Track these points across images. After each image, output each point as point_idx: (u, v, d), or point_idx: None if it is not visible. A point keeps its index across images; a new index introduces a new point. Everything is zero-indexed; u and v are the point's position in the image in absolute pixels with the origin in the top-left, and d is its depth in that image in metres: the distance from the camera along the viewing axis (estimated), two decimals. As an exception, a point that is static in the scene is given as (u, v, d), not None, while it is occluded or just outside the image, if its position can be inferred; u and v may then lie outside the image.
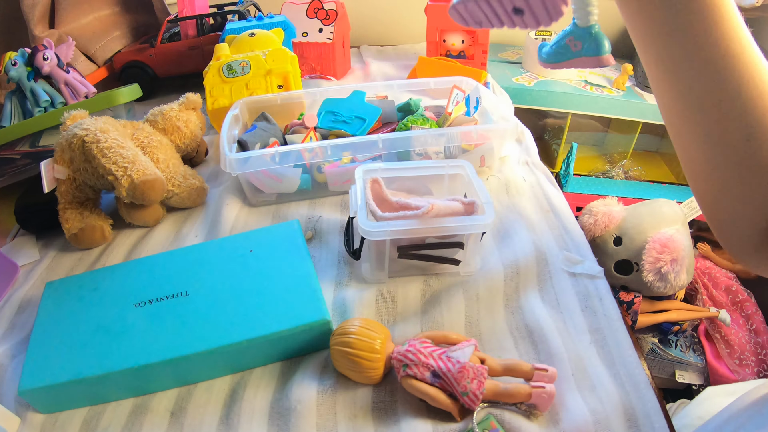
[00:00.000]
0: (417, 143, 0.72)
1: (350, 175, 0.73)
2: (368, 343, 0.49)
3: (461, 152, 0.76)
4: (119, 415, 0.51)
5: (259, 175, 0.72)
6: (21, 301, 0.66)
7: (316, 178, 0.75)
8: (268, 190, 0.74)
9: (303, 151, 0.69)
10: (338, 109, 0.81)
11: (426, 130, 0.72)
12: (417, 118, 0.76)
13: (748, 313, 1.15)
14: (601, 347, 0.54)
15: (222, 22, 1.14)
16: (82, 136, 0.67)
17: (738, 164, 0.45)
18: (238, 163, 0.68)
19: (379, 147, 0.70)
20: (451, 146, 0.75)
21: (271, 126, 0.78)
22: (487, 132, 0.72)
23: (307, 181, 0.75)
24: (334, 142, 0.70)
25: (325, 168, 0.73)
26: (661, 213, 1.03)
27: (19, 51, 0.88)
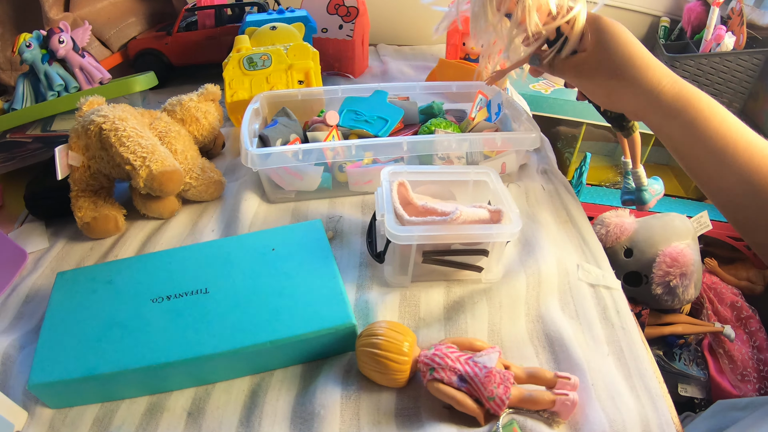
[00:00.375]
0: (440, 147, 0.71)
1: (372, 175, 0.73)
2: (396, 344, 0.48)
3: (483, 158, 0.75)
4: (133, 413, 0.50)
5: (280, 171, 0.71)
6: (29, 289, 0.64)
7: (337, 177, 0.74)
8: (288, 187, 0.73)
9: (325, 150, 0.68)
10: (360, 108, 0.80)
11: (451, 135, 0.71)
12: (440, 121, 0.76)
13: (751, 329, 1.16)
14: (618, 359, 0.54)
15: (240, 14, 1.12)
16: (99, 123, 0.66)
17: None
18: (259, 159, 0.67)
19: (404, 149, 0.69)
20: (473, 152, 0.74)
21: (291, 122, 0.77)
22: (510, 140, 0.71)
23: (327, 180, 0.74)
24: (358, 142, 0.69)
25: (347, 167, 0.72)
26: (672, 227, 1.03)
27: (34, 33, 0.86)
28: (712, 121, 0.59)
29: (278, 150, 0.68)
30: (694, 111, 0.59)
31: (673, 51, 1.26)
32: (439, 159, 0.74)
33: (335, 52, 1.10)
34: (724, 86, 1.22)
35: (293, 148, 0.67)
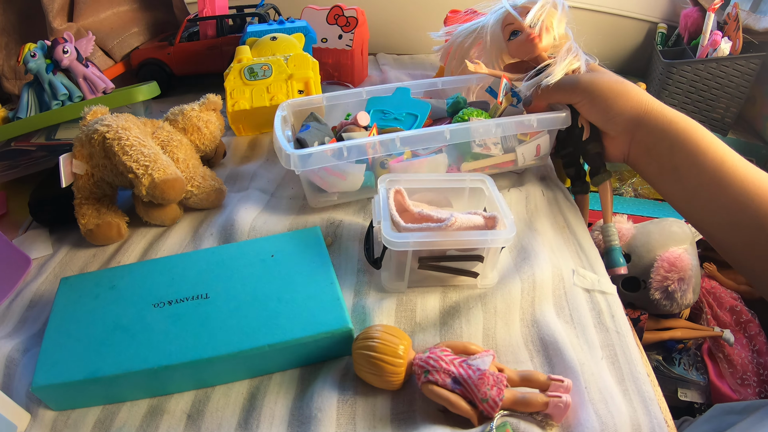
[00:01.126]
0: (480, 133, 0.71)
1: (415, 168, 0.73)
2: (391, 347, 0.49)
3: (517, 143, 0.76)
4: (134, 415, 0.51)
5: (321, 173, 0.70)
6: (33, 295, 0.66)
7: (379, 174, 0.73)
8: (331, 189, 0.73)
9: (368, 146, 0.67)
10: (386, 107, 0.79)
11: (489, 121, 0.72)
12: (471, 111, 0.76)
13: (751, 333, 1.16)
14: (612, 363, 0.55)
15: (241, 24, 1.14)
16: (103, 132, 0.67)
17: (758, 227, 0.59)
18: (301, 160, 0.66)
19: (447, 138, 0.69)
20: (508, 136, 0.75)
21: (322, 126, 0.77)
22: (544, 120, 0.72)
23: (370, 178, 0.73)
24: (402, 134, 0.68)
25: (389, 163, 0.72)
26: (670, 232, 1.03)
27: (39, 43, 0.88)
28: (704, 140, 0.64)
29: (319, 149, 0.66)
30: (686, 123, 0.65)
31: (670, 57, 1.27)
32: (477, 146, 0.74)
33: (335, 62, 1.11)
34: (721, 91, 1.22)
35: (335, 146, 0.66)
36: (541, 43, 0.74)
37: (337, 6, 1.09)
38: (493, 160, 0.77)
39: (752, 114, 1.33)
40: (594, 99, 0.69)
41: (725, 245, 0.65)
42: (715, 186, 0.62)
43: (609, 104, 0.68)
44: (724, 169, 0.61)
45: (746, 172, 0.61)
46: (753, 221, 0.59)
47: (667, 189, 0.69)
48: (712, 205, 0.63)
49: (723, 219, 0.63)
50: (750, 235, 0.60)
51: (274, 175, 0.83)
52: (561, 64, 0.71)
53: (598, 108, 0.69)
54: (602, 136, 0.73)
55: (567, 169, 0.79)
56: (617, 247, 0.74)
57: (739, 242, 0.63)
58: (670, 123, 0.65)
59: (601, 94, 0.68)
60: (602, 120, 0.70)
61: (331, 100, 0.82)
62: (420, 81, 0.85)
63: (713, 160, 0.62)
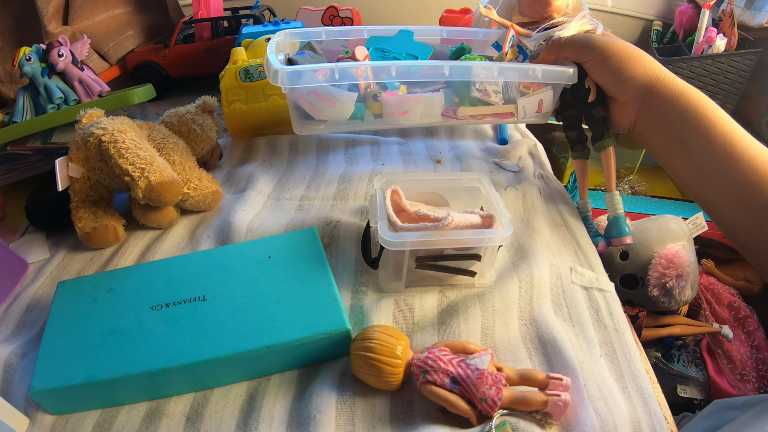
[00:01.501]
0: (481, 74, 0.68)
1: (409, 105, 0.70)
2: (390, 348, 0.49)
3: (519, 95, 0.73)
4: (133, 418, 0.51)
5: (311, 97, 0.67)
6: (30, 299, 0.65)
7: (371, 108, 0.71)
8: (319, 115, 0.70)
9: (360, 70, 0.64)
10: (387, 46, 0.76)
11: (491, 63, 0.69)
12: (474, 57, 0.74)
13: (749, 329, 1.16)
14: (610, 360, 0.55)
15: (236, 26, 1.14)
16: (99, 135, 0.67)
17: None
18: (290, 77, 0.63)
19: (446, 74, 0.66)
20: (509, 86, 0.72)
21: (318, 56, 0.73)
22: (550, 72, 0.70)
23: (360, 110, 0.70)
24: (399, 63, 0.65)
25: (382, 95, 0.69)
26: (667, 229, 1.03)
27: (34, 46, 0.88)
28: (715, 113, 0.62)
29: (310, 68, 0.63)
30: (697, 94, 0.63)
31: (665, 54, 1.28)
32: (477, 91, 0.71)
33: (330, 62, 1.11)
34: (717, 88, 1.23)
35: (327, 65, 0.63)
36: (556, 2, 0.71)
37: (332, 6, 1.09)
38: (492, 108, 0.74)
39: (748, 110, 1.33)
40: (606, 59, 0.66)
41: (730, 224, 0.64)
42: (724, 160, 0.60)
43: (622, 66, 0.65)
44: (734, 143, 0.60)
45: (755, 146, 0.60)
46: (761, 200, 0.58)
47: (675, 163, 0.67)
48: (721, 180, 0.61)
49: (731, 195, 0.61)
50: (758, 214, 0.59)
51: (271, 176, 0.83)
52: (575, 22, 0.69)
53: (609, 69, 0.66)
54: (609, 101, 0.71)
55: (568, 131, 0.76)
56: (623, 216, 0.71)
57: (744, 221, 0.61)
58: (681, 93, 0.64)
59: (614, 55, 0.65)
60: (612, 82, 0.67)
61: (331, 35, 0.79)
62: (424, 27, 0.81)
63: (723, 134, 0.60)
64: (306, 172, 0.83)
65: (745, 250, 0.64)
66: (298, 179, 0.82)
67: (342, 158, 0.87)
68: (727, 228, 0.64)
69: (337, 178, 0.81)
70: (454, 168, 0.84)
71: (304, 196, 0.78)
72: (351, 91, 0.67)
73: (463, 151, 0.89)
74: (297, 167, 0.85)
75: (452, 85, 0.70)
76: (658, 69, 0.65)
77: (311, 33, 0.79)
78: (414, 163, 0.85)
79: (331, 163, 0.86)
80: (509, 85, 0.72)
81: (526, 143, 0.92)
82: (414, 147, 0.90)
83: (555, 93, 0.74)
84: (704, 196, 0.65)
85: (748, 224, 0.61)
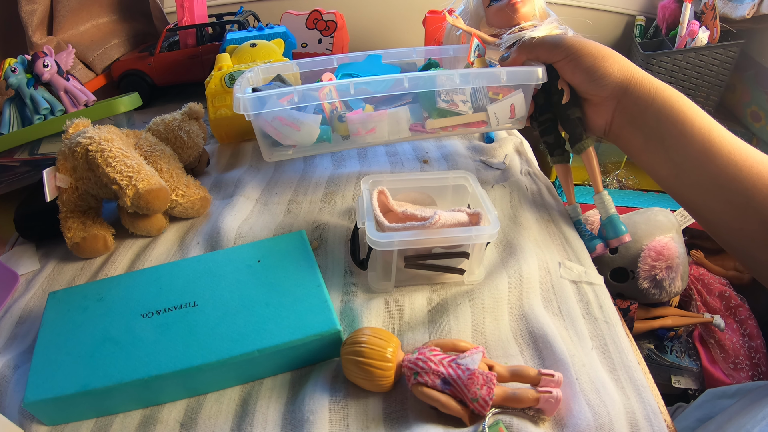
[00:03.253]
0: (443, 83, 0.67)
1: (374, 122, 0.69)
2: (379, 351, 0.49)
3: (489, 102, 0.72)
4: (127, 426, 0.51)
5: (276, 123, 0.67)
6: (22, 311, 0.65)
7: (337, 130, 0.71)
8: (285, 140, 0.70)
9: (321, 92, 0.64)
10: (355, 71, 0.77)
11: (453, 71, 0.68)
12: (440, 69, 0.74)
13: (741, 318, 1.17)
14: (602, 353, 0.55)
15: (221, 32, 1.14)
16: (86, 145, 0.67)
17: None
18: (252, 104, 0.64)
19: (405, 86, 0.66)
20: (478, 93, 0.70)
21: (287, 86, 0.74)
22: (516, 74, 0.68)
23: (326, 132, 0.70)
24: (356, 79, 0.65)
25: (347, 115, 0.69)
26: (655, 221, 1.04)
27: (19, 58, 0.88)
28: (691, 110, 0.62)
29: (271, 93, 0.64)
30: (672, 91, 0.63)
31: (649, 49, 1.29)
32: (443, 102, 0.70)
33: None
34: (701, 80, 1.24)
35: (287, 90, 0.64)
36: (523, 8, 0.71)
37: (315, 10, 1.10)
38: (462, 118, 0.73)
39: (732, 101, 1.35)
40: (579, 58, 0.64)
41: (712, 221, 0.63)
42: (703, 156, 0.59)
43: (596, 64, 0.64)
44: (712, 139, 0.59)
45: (733, 141, 0.59)
46: (741, 194, 0.57)
47: (653, 161, 0.65)
48: (700, 176, 0.60)
49: (711, 192, 0.60)
50: (738, 210, 0.58)
51: (258, 181, 0.83)
52: (545, 26, 0.69)
53: (582, 68, 0.65)
54: (584, 103, 0.70)
55: (546, 137, 0.75)
56: (616, 215, 0.70)
57: (726, 218, 0.60)
58: (657, 90, 0.63)
59: (587, 53, 0.64)
60: (586, 81, 0.65)
61: (304, 67, 0.80)
62: (394, 50, 0.82)
63: (701, 130, 0.60)
64: (293, 176, 0.84)
65: (728, 245, 0.64)
66: (286, 183, 0.82)
67: (329, 161, 0.87)
68: (709, 225, 0.64)
69: (324, 180, 0.81)
70: (441, 167, 0.85)
71: (292, 199, 0.78)
72: (315, 114, 0.67)
73: (449, 150, 0.89)
74: (284, 171, 0.85)
75: (419, 99, 0.69)
76: (632, 67, 0.65)
77: (283, 66, 0.80)
78: (401, 163, 0.85)
79: (318, 166, 0.86)
80: (477, 92, 0.71)
81: (513, 141, 0.93)
82: (400, 147, 0.90)
83: (527, 96, 0.72)
84: (684, 194, 0.65)
85: (729, 220, 0.60)
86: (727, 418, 0.56)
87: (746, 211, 0.58)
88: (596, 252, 0.70)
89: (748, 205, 0.57)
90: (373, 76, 0.72)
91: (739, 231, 0.60)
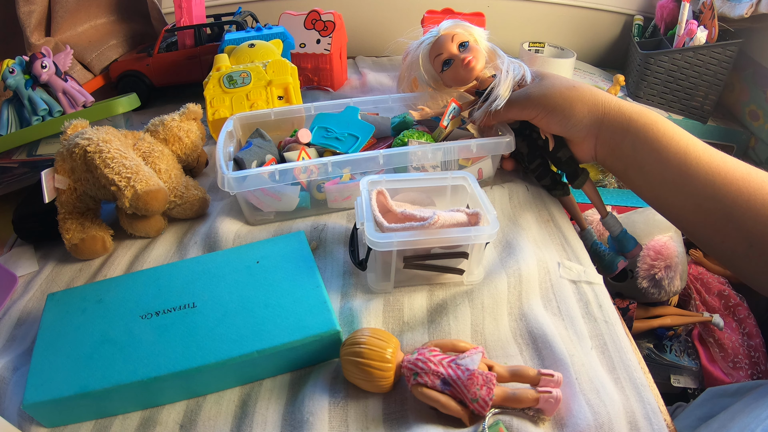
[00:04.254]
0: (415, 158, 0.71)
1: (350, 191, 0.73)
2: (379, 352, 0.49)
3: (457, 167, 0.76)
4: (126, 428, 0.51)
5: (258, 193, 0.71)
6: (20, 312, 0.65)
7: (315, 196, 0.75)
8: (267, 208, 0.74)
9: (296, 170, 0.68)
10: (331, 124, 0.79)
11: (425, 145, 0.72)
12: (412, 132, 0.76)
13: (740, 317, 1.17)
14: (601, 352, 0.55)
15: (219, 33, 1.14)
16: (84, 146, 0.67)
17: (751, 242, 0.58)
18: (236, 182, 0.67)
19: (380, 163, 0.70)
20: (447, 161, 0.74)
21: (266, 143, 0.77)
22: (485, 146, 0.72)
23: (306, 199, 0.74)
24: (333, 158, 0.69)
25: (325, 186, 0.73)
26: (654, 221, 1.04)
27: (17, 59, 0.88)
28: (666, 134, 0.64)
29: (254, 172, 0.67)
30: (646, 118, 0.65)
31: (647, 48, 1.29)
32: (414, 169, 0.74)
33: (314, 67, 1.11)
34: (700, 80, 1.24)
35: (269, 169, 0.67)
36: (478, 65, 0.74)
37: (314, 11, 1.09)
38: None
39: (731, 100, 1.35)
40: (550, 111, 0.68)
41: (697, 237, 0.65)
42: (680, 178, 0.62)
43: (566, 113, 0.67)
44: (688, 161, 0.61)
45: (711, 160, 0.61)
46: (720, 211, 0.59)
47: (635, 185, 0.68)
48: (679, 196, 0.63)
49: (691, 211, 0.63)
50: (719, 223, 0.60)
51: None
52: (504, 82, 0.70)
53: (556, 119, 0.68)
54: (568, 142, 0.73)
55: (542, 180, 0.78)
56: (625, 230, 0.73)
57: (709, 233, 0.62)
58: (629, 121, 0.65)
59: (556, 105, 0.67)
60: (563, 129, 0.69)
61: (280, 115, 0.83)
62: (371, 97, 0.86)
63: (676, 153, 0.62)
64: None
65: (715, 257, 0.66)
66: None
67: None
68: (696, 239, 0.66)
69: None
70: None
71: (291, 200, 0.78)
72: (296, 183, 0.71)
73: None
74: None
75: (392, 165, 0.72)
76: (602, 102, 0.67)
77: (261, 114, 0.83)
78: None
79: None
80: (447, 160, 0.74)
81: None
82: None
83: (494, 161, 0.77)
84: (668, 213, 0.67)
85: (711, 235, 0.62)
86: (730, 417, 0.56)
87: (727, 226, 0.59)
88: (618, 269, 0.72)
89: (728, 221, 0.59)
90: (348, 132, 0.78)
91: (721, 244, 0.62)
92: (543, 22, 1.45)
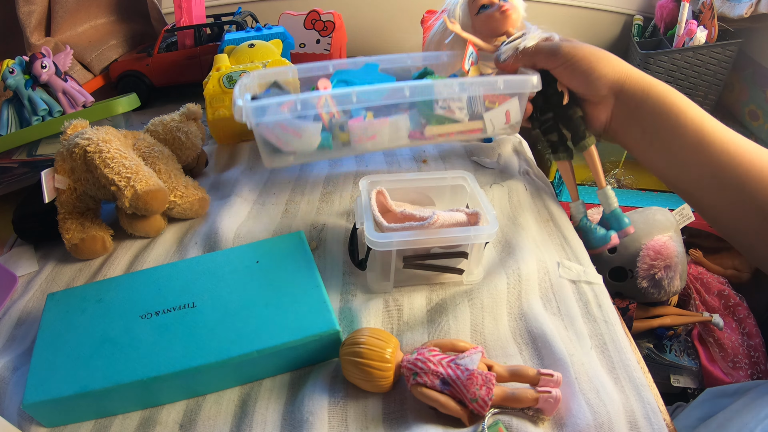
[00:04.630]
0: (442, 91, 0.68)
1: (375, 129, 0.70)
2: (379, 352, 0.49)
3: (484, 109, 0.73)
4: (126, 428, 0.51)
5: (277, 130, 0.68)
6: (20, 312, 0.65)
7: (339, 137, 0.71)
8: (286, 147, 0.70)
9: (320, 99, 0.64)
10: (351, 78, 0.77)
11: (452, 79, 0.70)
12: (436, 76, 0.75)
13: (740, 317, 1.17)
14: (601, 352, 0.55)
15: (219, 33, 1.14)
16: (84, 146, 0.67)
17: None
18: (254, 113, 0.64)
19: (406, 95, 0.67)
20: (474, 101, 0.72)
21: (284, 92, 0.75)
22: (512, 82, 0.70)
23: (327, 139, 0.71)
24: (359, 89, 0.66)
25: (348, 122, 0.70)
26: (654, 221, 1.04)
27: (17, 59, 0.88)
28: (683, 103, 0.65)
29: (273, 101, 0.64)
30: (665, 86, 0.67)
31: (647, 48, 1.29)
32: (440, 108, 0.72)
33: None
34: (699, 80, 1.24)
35: (289, 98, 0.64)
36: (513, 15, 0.74)
37: (313, 11, 1.09)
38: (459, 126, 0.74)
39: (731, 100, 1.35)
40: (575, 63, 0.68)
41: (710, 210, 0.66)
42: (696, 146, 0.63)
43: (591, 67, 0.68)
44: (704, 129, 0.63)
45: (725, 131, 0.62)
46: (734, 181, 0.60)
47: (650, 154, 0.69)
48: (694, 165, 0.64)
49: (705, 180, 0.64)
50: (733, 195, 0.61)
51: (257, 182, 0.83)
52: (535, 33, 0.71)
53: (579, 72, 0.68)
54: (583, 103, 0.73)
55: (549, 135, 0.76)
56: (619, 208, 0.72)
57: (722, 206, 0.64)
58: (650, 86, 0.67)
59: (583, 58, 0.68)
60: (584, 84, 0.69)
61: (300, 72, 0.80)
62: (389, 56, 0.82)
63: (693, 121, 0.63)
64: (290, 176, 0.83)
65: (727, 235, 0.67)
66: (283, 183, 0.82)
67: (325, 161, 0.87)
68: (707, 214, 0.67)
69: (321, 181, 0.81)
70: (439, 167, 0.85)
71: (289, 200, 0.78)
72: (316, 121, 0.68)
73: (447, 150, 0.89)
74: (281, 171, 0.85)
75: (417, 107, 0.70)
76: (626, 67, 0.68)
77: (279, 72, 0.80)
78: (397, 163, 0.85)
79: (315, 166, 0.86)
80: (473, 100, 0.73)
81: (511, 140, 0.93)
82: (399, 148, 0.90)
83: (521, 103, 0.74)
84: (680, 184, 0.68)
85: (725, 208, 0.63)
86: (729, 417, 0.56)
87: (740, 197, 0.60)
88: (611, 243, 0.71)
89: (742, 191, 0.60)
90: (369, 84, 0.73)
91: (735, 219, 0.63)
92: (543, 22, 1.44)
